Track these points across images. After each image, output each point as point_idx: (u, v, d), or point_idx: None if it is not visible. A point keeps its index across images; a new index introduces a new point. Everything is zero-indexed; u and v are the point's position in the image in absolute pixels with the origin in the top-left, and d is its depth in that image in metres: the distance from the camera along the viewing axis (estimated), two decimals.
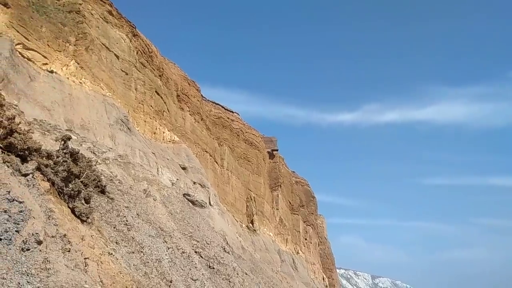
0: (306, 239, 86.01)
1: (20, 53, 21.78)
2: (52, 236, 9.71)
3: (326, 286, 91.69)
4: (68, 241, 10.09)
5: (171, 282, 15.63)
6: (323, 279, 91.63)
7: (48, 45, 24.04)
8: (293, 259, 66.19)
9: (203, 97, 49.75)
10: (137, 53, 32.85)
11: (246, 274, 28.57)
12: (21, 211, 9.33)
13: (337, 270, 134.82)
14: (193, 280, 18.20)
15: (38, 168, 11.41)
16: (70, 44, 25.81)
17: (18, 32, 22.02)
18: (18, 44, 21.86)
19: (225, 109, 57.64)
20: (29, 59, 22.38)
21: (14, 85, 19.62)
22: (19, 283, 7.92)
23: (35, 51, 23.04)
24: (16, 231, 8.85)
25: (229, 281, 23.20)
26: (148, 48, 34.81)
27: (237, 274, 25.54)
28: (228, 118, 56.58)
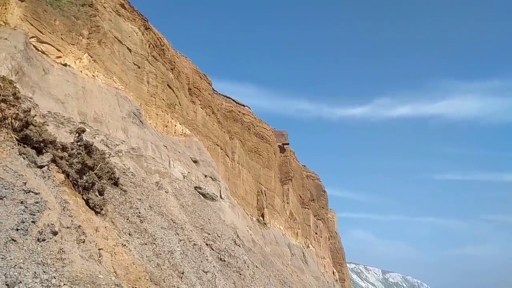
0: (316, 233, 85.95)
1: (34, 46, 22.02)
2: (67, 227, 9.86)
3: (336, 281, 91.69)
4: (83, 232, 10.23)
5: (183, 273, 15.78)
6: (333, 273, 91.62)
7: (61, 38, 24.25)
8: (303, 252, 66.27)
9: (214, 90, 49.78)
10: (149, 46, 32.96)
11: (256, 267, 28.71)
12: (37, 202, 9.47)
13: (347, 265, 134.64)
14: (204, 272, 18.34)
15: (53, 160, 11.56)
16: (83, 37, 26.00)
17: (32, 25, 22.24)
18: (32, 37, 22.10)
19: (236, 102, 57.61)
20: (43, 52, 22.62)
21: (29, 78, 19.86)
22: (35, 273, 8.06)
23: (49, 44, 23.26)
24: (32, 221, 8.99)
25: (240, 274, 23.34)
26: (160, 42, 34.89)
27: (248, 267, 25.67)
28: (239, 111, 56.57)
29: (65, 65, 23.69)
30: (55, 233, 9.22)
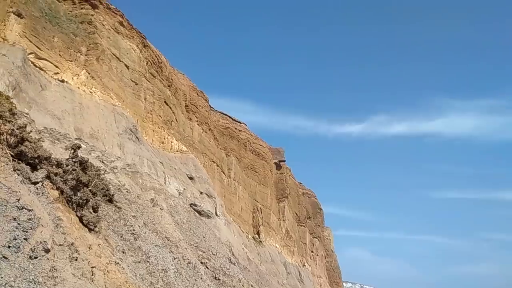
0: (312, 251, 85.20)
1: (32, 62, 22.16)
2: (60, 245, 9.76)
3: None
4: (76, 249, 10.13)
5: None
6: None
7: (59, 55, 24.43)
8: (299, 271, 65.56)
9: (211, 107, 50.02)
10: (147, 63, 33.23)
11: (251, 286, 28.36)
12: (30, 219, 9.40)
13: (344, 284, 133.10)
14: None
15: (48, 177, 11.52)
16: (81, 54, 26.20)
17: (30, 41, 22.42)
18: (31, 53, 22.26)
19: (232, 119, 57.84)
20: (40, 68, 22.75)
21: (26, 94, 19.92)
22: None
23: (47, 60, 23.42)
24: (24, 238, 8.90)
25: None
26: (157, 59, 35.20)
27: (243, 285, 25.35)
28: (235, 128, 56.74)
29: (62, 81, 23.81)
30: (47, 251, 9.12)
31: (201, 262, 22.48)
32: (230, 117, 57.36)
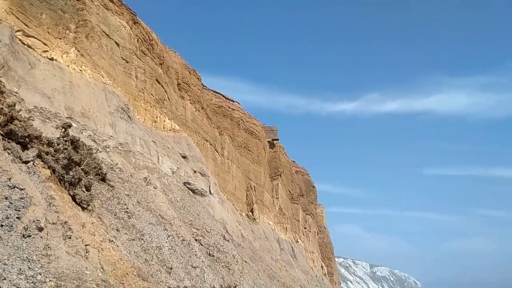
0: (305, 228, 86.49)
1: (20, 40, 21.68)
2: (53, 223, 9.79)
3: (325, 275, 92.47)
4: (69, 228, 10.17)
5: (171, 269, 15.78)
6: (322, 267, 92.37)
7: (48, 32, 23.91)
8: (292, 247, 66.68)
9: (203, 86, 49.61)
10: (137, 41, 32.68)
11: (245, 262, 28.82)
12: (22, 198, 9.39)
13: (336, 259, 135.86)
14: (193, 267, 18.36)
15: (39, 156, 11.45)
16: (70, 31, 25.66)
17: (18, 18, 21.88)
18: (18, 31, 21.75)
19: (225, 98, 57.53)
20: (29, 46, 22.28)
21: (14, 72, 19.57)
22: (20, 269, 8.01)
23: (35, 38, 22.92)
24: (17, 217, 8.92)
25: (229, 269, 23.41)
26: (148, 36, 34.62)
27: (237, 261, 25.76)
28: (228, 107, 56.50)
29: (51, 59, 23.38)
30: (40, 229, 9.16)
31: (195, 239, 22.73)
32: (223, 95, 57.03)
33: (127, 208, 16.62)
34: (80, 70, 25.27)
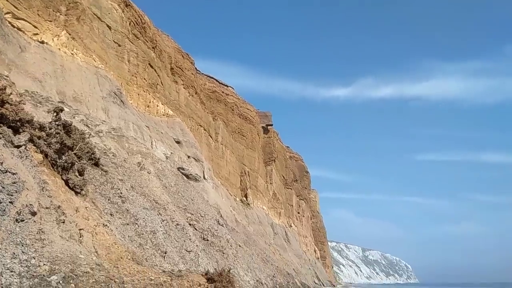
0: (299, 212, 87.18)
1: (9, 22, 21.23)
2: (46, 208, 9.75)
3: (318, 258, 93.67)
4: (63, 212, 10.14)
5: (165, 253, 15.86)
6: (315, 251, 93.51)
7: (38, 14, 23.43)
8: (285, 232, 67.30)
9: (197, 70, 49.19)
10: (129, 24, 32.18)
11: (239, 246, 29.05)
12: (14, 183, 9.31)
13: (329, 243, 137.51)
14: (187, 251, 18.48)
15: (31, 140, 11.32)
16: (61, 14, 25.17)
17: (7, 0, 21.37)
18: (8, 13, 21.28)
19: (219, 83, 57.15)
20: (19, 29, 21.84)
21: (5, 56, 19.23)
22: (14, 253, 8.00)
23: (25, 20, 22.45)
24: (10, 202, 8.86)
25: (223, 253, 23.60)
26: (141, 19, 34.09)
27: (231, 246, 25.95)
28: (222, 92, 56.19)
29: (42, 42, 22.97)
30: (34, 214, 9.11)
31: (190, 224, 22.83)
32: (217, 80, 56.64)
33: (121, 193, 16.60)
34: (72, 54, 24.89)
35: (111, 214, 14.22)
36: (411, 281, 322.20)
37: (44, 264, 8.29)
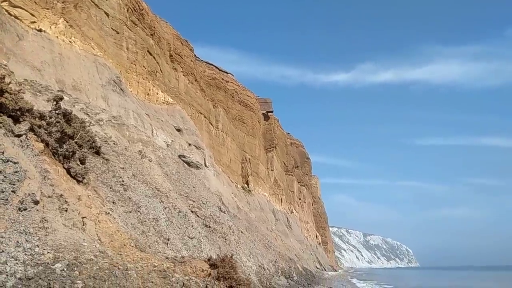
0: (300, 198, 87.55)
1: (6, 10, 21.00)
2: (49, 196, 9.77)
3: (319, 244, 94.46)
4: (65, 201, 10.17)
5: (168, 240, 15.97)
6: (316, 237, 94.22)
7: (35, 2, 23.16)
8: (287, 218, 67.71)
9: (196, 57, 48.85)
10: (127, 10, 31.84)
11: (241, 232, 29.25)
12: (16, 172, 9.32)
13: (330, 228, 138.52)
14: (190, 238, 18.60)
15: (31, 129, 11.30)
16: (58, 2, 24.88)
17: None
18: (4, 1, 21.04)
19: (219, 70, 56.81)
20: (16, 17, 21.62)
21: (2, 44, 19.08)
22: (18, 242, 8.04)
23: (22, 8, 22.21)
24: (12, 191, 8.87)
25: (225, 239, 23.77)
26: (138, 5, 33.73)
27: (233, 232, 26.12)
28: (222, 79, 55.90)
29: (40, 30, 22.76)
30: (36, 202, 9.14)
31: (192, 211, 22.94)
32: (216, 67, 56.28)
33: (123, 181, 16.64)
34: (70, 42, 24.69)
35: (113, 202, 14.27)
36: (412, 265, 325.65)
37: (48, 252, 8.34)
